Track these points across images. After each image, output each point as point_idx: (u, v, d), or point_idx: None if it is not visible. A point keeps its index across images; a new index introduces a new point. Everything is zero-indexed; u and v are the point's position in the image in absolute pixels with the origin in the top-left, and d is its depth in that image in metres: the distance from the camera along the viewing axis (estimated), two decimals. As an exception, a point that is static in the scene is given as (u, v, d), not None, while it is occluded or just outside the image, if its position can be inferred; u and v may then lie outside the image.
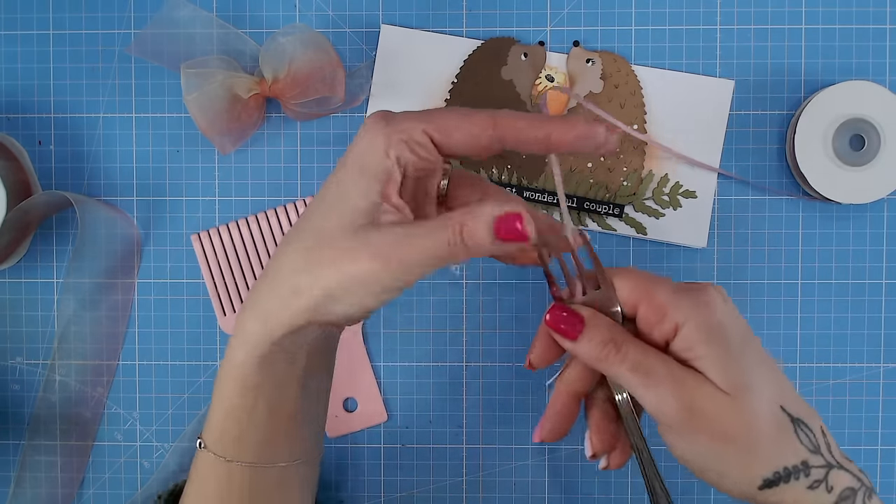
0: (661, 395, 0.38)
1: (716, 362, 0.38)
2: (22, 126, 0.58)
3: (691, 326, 0.38)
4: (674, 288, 0.39)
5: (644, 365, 0.38)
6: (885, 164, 0.53)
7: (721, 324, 0.38)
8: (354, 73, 0.56)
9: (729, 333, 0.38)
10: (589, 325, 0.39)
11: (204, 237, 0.57)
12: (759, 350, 0.40)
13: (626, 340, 0.39)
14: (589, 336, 0.39)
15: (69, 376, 0.57)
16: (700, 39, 0.56)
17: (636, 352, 0.39)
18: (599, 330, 0.39)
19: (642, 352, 0.39)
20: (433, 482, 0.58)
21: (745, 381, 0.38)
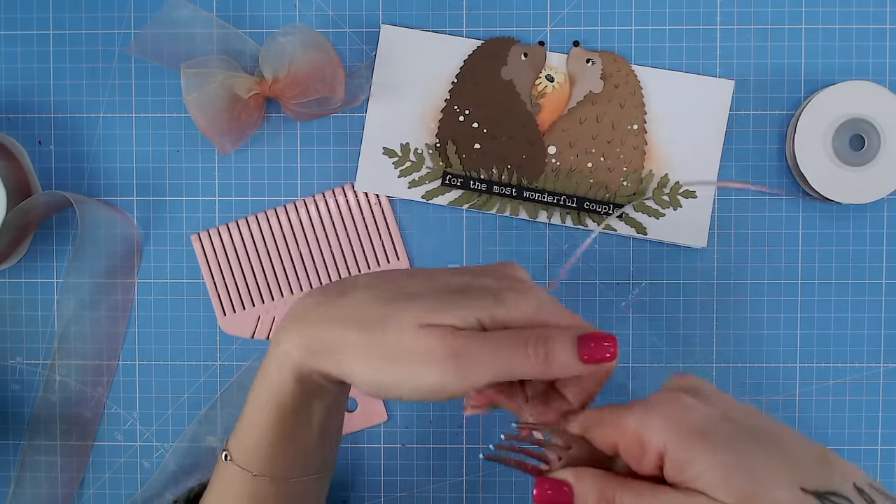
0: None
1: (714, 476, 0.34)
2: (22, 126, 0.58)
3: (673, 447, 0.34)
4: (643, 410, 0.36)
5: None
6: (885, 164, 0.53)
7: (702, 429, 0.35)
8: (354, 73, 0.56)
9: (715, 436, 0.35)
10: (576, 490, 0.37)
11: (204, 237, 0.57)
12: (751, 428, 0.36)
13: (616, 489, 0.36)
14: (581, 499, 0.37)
15: (69, 376, 0.57)
16: (700, 39, 0.56)
17: (630, 498, 0.35)
18: (589, 489, 0.37)
19: (635, 494, 0.35)
20: (433, 482, 0.58)
21: (752, 485, 0.33)
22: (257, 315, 0.57)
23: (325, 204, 0.57)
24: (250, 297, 0.57)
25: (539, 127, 0.56)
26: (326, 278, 0.57)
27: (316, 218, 0.57)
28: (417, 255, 0.57)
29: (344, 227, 0.57)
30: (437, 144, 0.57)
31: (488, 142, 0.56)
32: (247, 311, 0.57)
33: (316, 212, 0.57)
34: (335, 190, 0.57)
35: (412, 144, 0.57)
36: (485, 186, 0.56)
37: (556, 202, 0.56)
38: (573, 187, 0.56)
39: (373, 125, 0.57)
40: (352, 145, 0.57)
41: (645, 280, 0.57)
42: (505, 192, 0.56)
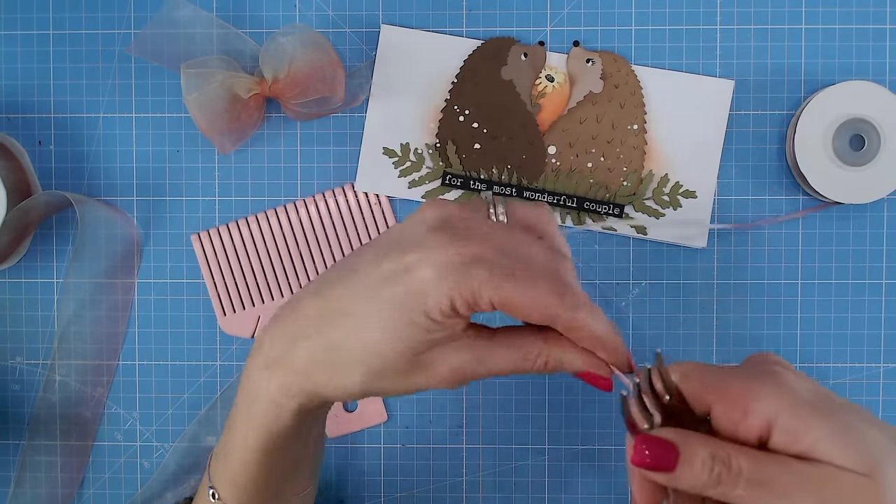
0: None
1: (834, 445, 0.31)
2: (22, 126, 0.58)
3: (787, 415, 0.32)
4: (745, 378, 0.34)
5: (764, 476, 0.32)
6: (885, 164, 0.53)
7: (812, 401, 0.33)
8: (354, 73, 0.56)
9: (825, 408, 0.33)
10: (683, 448, 0.33)
11: (204, 237, 0.57)
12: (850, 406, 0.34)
13: (731, 452, 0.32)
14: (688, 461, 0.33)
15: (69, 376, 0.57)
16: (700, 39, 0.56)
17: (749, 462, 0.32)
18: (697, 450, 0.33)
19: (756, 459, 0.32)
20: (433, 482, 0.58)
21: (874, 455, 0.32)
22: (257, 315, 0.57)
23: (325, 204, 0.57)
24: (250, 297, 0.57)
25: (539, 127, 0.56)
26: (326, 278, 0.57)
27: (316, 218, 0.57)
28: (417, 255, 0.57)
29: (344, 227, 0.57)
30: (437, 144, 0.57)
31: (488, 142, 0.56)
32: (247, 311, 0.57)
33: (316, 212, 0.57)
34: (335, 190, 0.57)
35: (412, 144, 0.57)
36: (485, 186, 0.56)
37: (556, 202, 0.56)
38: (573, 187, 0.56)
39: (373, 125, 0.57)
40: (352, 145, 0.57)
41: (645, 280, 0.57)
42: (505, 192, 0.56)
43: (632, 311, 0.57)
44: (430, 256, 0.34)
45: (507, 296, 0.34)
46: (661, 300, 0.57)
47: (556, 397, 0.57)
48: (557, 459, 0.57)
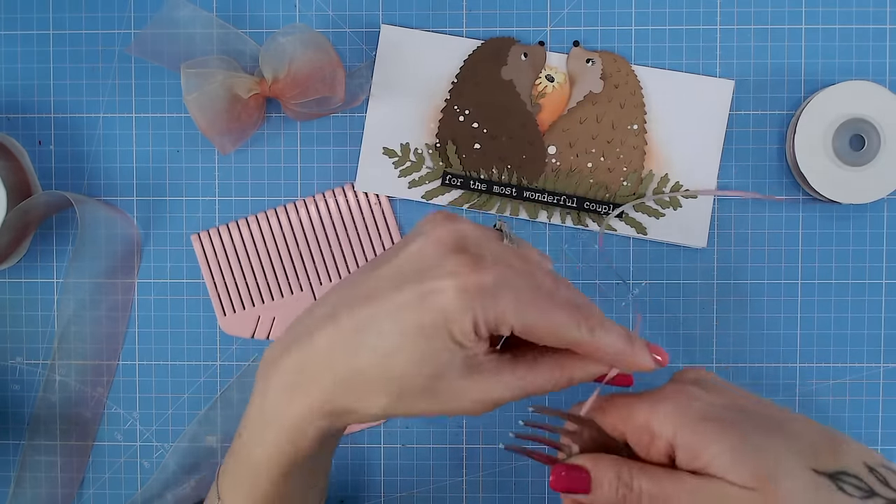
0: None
1: (726, 460, 0.34)
2: (22, 126, 0.58)
3: (682, 434, 0.36)
4: (651, 401, 0.37)
5: (660, 492, 0.35)
6: (885, 164, 0.53)
7: (711, 416, 0.36)
8: (354, 73, 0.56)
9: (724, 422, 0.36)
10: (593, 473, 0.37)
11: (204, 237, 0.57)
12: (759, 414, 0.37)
13: (634, 474, 0.36)
14: (599, 483, 0.37)
15: (69, 376, 0.57)
16: (700, 39, 0.56)
17: (648, 483, 0.36)
18: (605, 472, 0.37)
19: (653, 480, 0.36)
20: (433, 482, 0.58)
21: (764, 467, 0.34)
22: (257, 315, 0.57)
23: (325, 204, 0.57)
24: (250, 297, 0.57)
25: (539, 127, 0.56)
26: (326, 278, 0.57)
27: (316, 218, 0.57)
28: (417, 255, 0.57)
29: (344, 227, 0.57)
30: (437, 144, 0.57)
31: (488, 142, 0.56)
32: (247, 311, 0.57)
33: (316, 212, 0.57)
34: (335, 190, 0.57)
35: (412, 144, 0.57)
36: (485, 186, 0.56)
37: (556, 202, 0.56)
38: (573, 187, 0.56)
39: (373, 125, 0.57)
40: (352, 145, 0.57)
41: (645, 280, 0.57)
42: (505, 192, 0.56)
43: (631, 312, 0.57)
44: (455, 282, 0.34)
45: (532, 323, 0.35)
46: (661, 300, 0.57)
47: (557, 397, 0.57)
48: (557, 459, 0.57)
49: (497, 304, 0.34)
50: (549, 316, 0.35)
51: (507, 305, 0.34)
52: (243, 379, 0.58)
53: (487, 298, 0.34)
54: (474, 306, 0.34)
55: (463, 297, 0.34)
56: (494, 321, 0.34)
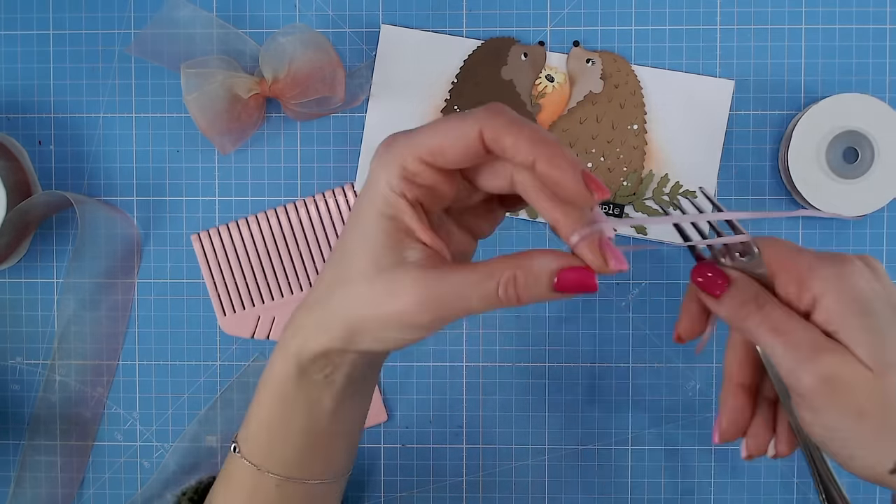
0: (800, 360, 0.36)
1: (859, 336, 0.36)
2: (22, 126, 0.58)
3: (832, 298, 0.36)
4: (817, 258, 0.38)
5: (785, 327, 0.37)
6: (879, 176, 0.53)
7: (865, 296, 0.37)
8: (354, 73, 0.56)
9: (874, 307, 0.36)
10: (734, 283, 0.38)
11: (204, 237, 0.57)
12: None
13: (769, 301, 0.37)
14: (732, 293, 0.38)
15: (69, 376, 0.57)
16: (700, 39, 0.56)
17: (779, 314, 0.37)
18: (744, 289, 0.38)
19: (785, 315, 0.37)
20: (433, 482, 0.58)
21: (889, 359, 0.36)
22: (257, 315, 0.57)
23: (325, 204, 0.57)
24: (250, 297, 0.57)
25: (539, 127, 0.56)
26: (326, 278, 0.57)
27: (316, 218, 0.57)
28: (417, 255, 0.57)
29: (344, 227, 0.57)
30: (437, 144, 0.57)
31: (488, 142, 0.56)
32: (247, 311, 0.57)
33: (316, 212, 0.57)
34: (335, 190, 0.57)
35: (412, 144, 0.57)
36: (485, 186, 0.56)
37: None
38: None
39: (373, 125, 0.57)
40: (352, 145, 0.57)
41: (645, 280, 0.57)
42: (505, 192, 0.56)
43: (632, 311, 0.57)
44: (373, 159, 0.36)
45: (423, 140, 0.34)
46: (661, 300, 0.57)
47: (556, 397, 0.57)
48: (557, 459, 0.57)
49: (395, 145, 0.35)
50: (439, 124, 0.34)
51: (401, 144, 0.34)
52: (243, 379, 0.58)
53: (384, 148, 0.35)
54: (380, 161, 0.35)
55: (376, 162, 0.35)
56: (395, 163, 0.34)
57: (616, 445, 0.57)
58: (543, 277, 0.34)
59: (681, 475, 0.57)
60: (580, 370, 0.57)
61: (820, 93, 0.56)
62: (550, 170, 0.33)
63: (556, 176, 0.33)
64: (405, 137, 0.35)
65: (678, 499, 0.57)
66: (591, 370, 0.57)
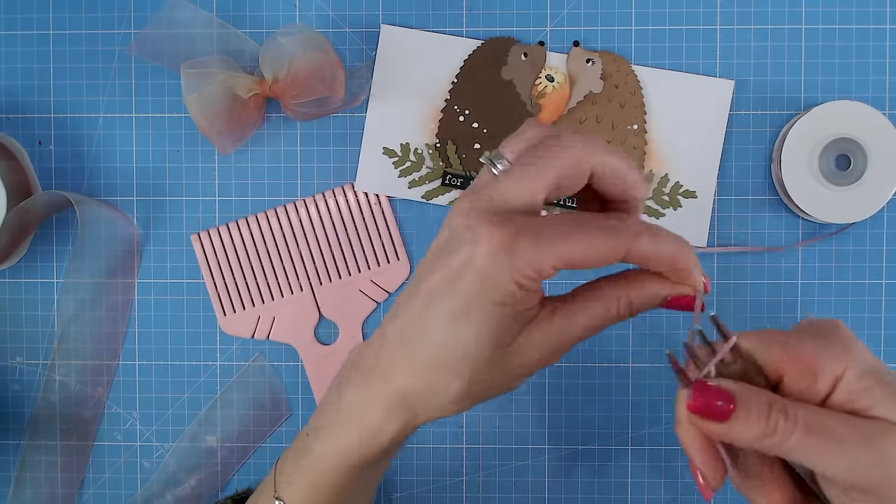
0: (853, 455, 0.32)
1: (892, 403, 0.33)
2: (22, 126, 0.58)
3: (851, 374, 0.33)
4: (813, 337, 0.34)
5: (821, 425, 0.32)
6: (871, 183, 0.53)
7: (874, 362, 0.34)
8: (354, 73, 0.56)
9: (883, 368, 0.34)
10: (741, 397, 0.33)
11: (204, 237, 0.57)
12: None
13: (788, 404, 0.33)
14: (745, 410, 0.33)
15: (69, 376, 0.57)
16: (700, 39, 0.56)
17: (806, 411, 0.33)
18: (754, 399, 0.33)
19: (812, 410, 0.33)
20: (433, 482, 0.58)
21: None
22: (257, 315, 0.57)
23: (325, 204, 0.57)
24: (250, 297, 0.57)
25: (539, 127, 0.56)
26: (326, 278, 0.57)
27: (316, 218, 0.57)
28: (417, 254, 0.57)
29: (344, 227, 0.57)
30: (437, 144, 0.57)
31: (488, 142, 0.56)
32: (247, 311, 0.57)
33: (316, 212, 0.57)
34: (335, 190, 0.57)
35: (412, 144, 0.57)
36: (485, 186, 0.56)
37: (556, 202, 0.56)
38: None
39: (373, 125, 0.57)
40: (352, 145, 0.57)
41: (645, 280, 0.57)
42: (505, 192, 0.56)
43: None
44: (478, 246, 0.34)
45: (564, 251, 0.34)
46: (661, 300, 0.57)
47: (556, 397, 0.57)
48: (557, 459, 0.57)
49: (524, 250, 0.34)
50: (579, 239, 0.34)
51: (530, 247, 0.34)
52: (243, 379, 0.58)
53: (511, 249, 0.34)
54: (504, 260, 0.34)
55: (492, 256, 0.34)
56: (529, 266, 0.34)
57: (616, 445, 0.57)
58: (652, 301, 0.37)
59: (681, 475, 0.57)
60: (580, 370, 0.57)
61: (820, 93, 0.56)
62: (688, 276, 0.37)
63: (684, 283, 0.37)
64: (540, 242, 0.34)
65: (678, 499, 0.57)
66: (591, 370, 0.57)
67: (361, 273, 0.57)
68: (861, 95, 0.56)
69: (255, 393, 0.58)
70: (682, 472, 0.57)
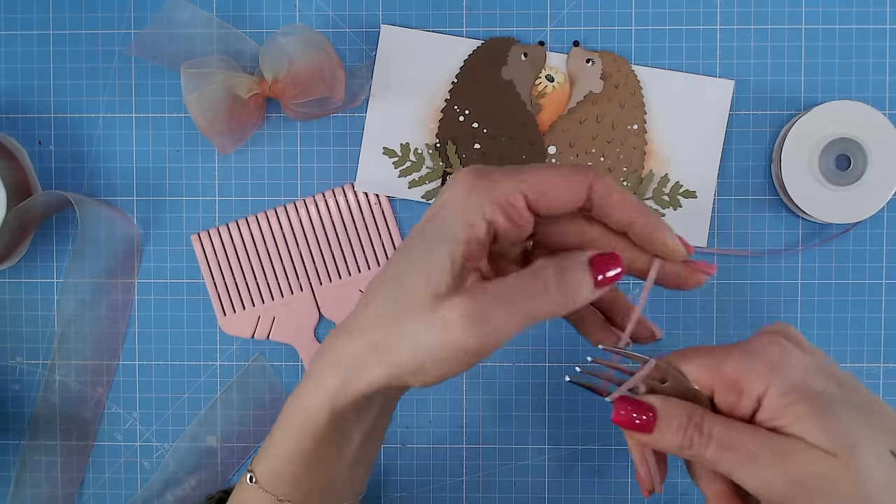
0: (762, 470, 0.34)
1: (813, 421, 0.34)
2: (22, 126, 0.58)
3: (773, 392, 0.34)
4: (741, 354, 0.35)
5: (734, 441, 0.34)
6: (871, 183, 0.53)
7: (802, 378, 0.35)
8: (354, 73, 0.56)
9: (815, 385, 0.35)
10: (661, 411, 0.35)
11: (204, 237, 0.57)
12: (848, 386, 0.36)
13: (706, 418, 0.35)
14: (665, 421, 0.35)
15: (69, 376, 0.58)
16: (700, 39, 0.56)
17: (722, 428, 0.35)
18: (674, 413, 0.35)
19: (728, 426, 0.35)
20: (433, 482, 0.58)
21: (848, 438, 0.34)
22: (257, 315, 0.57)
23: (325, 204, 0.57)
24: (250, 297, 0.57)
25: (539, 127, 0.56)
26: (326, 278, 0.57)
27: (316, 218, 0.57)
28: (417, 255, 0.57)
29: (344, 227, 0.57)
30: (437, 144, 0.57)
31: (488, 142, 0.56)
32: (247, 311, 0.57)
33: (316, 212, 0.57)
34: (335, 190, 0.57)
35: (412, 144, 0.57)
36: (485, 186, 0.56)
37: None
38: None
39: (373, 125, 0.57)
40: (352, 145, 0.57)
41: (645, 280, 0.57)
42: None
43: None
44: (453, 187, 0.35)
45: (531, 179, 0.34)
46: (661, 300, 0.57)
47: (556, 397, 0.57)
48: (557, 459, 0.57)
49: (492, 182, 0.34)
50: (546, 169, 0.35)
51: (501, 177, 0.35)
52: (243, 379, 0.58)
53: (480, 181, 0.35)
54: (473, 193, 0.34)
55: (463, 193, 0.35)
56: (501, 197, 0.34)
57: (616, 445, 0.57)
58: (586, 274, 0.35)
59: (680, 475, 0.57)
60: (580, 370, 0.57)
61: (820, 93, 0.56)
62: (654, 231, 0.35)
63: (660, 236, 0.35)
64: (510, 171, 0.35)
65: (678, 499, 0.57)
66: (591, 370, 0.57)
67: (361, 273, 0.57)
68: (861, 95, 0.56)
69: (255, 393, 0.58)
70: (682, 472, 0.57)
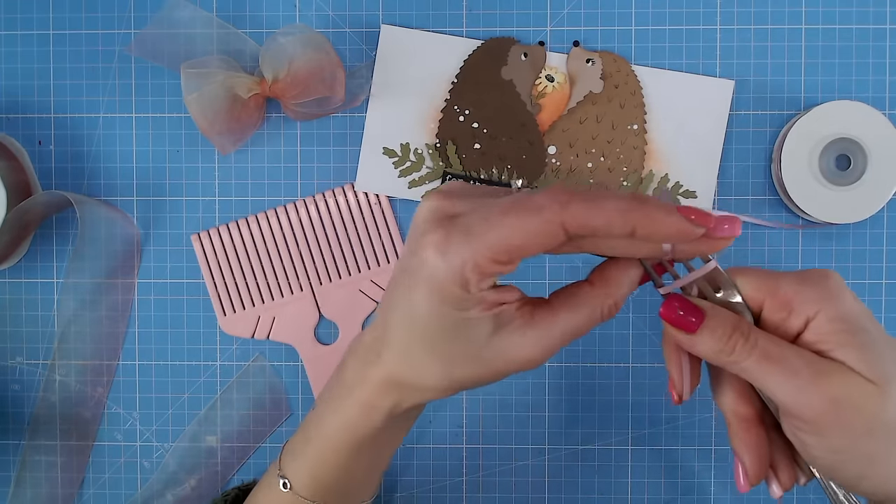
0: (801, 386, 0.34)
1: (857, 351, 0.34)
2: (22, 126, 0.58)
3: (823, 317, 0.35)
4: (797, 280, 0.36)
5: (778, 354, 0.35)
6: (871, 183, 0.53)
7: (854, 312, 0.36)
8: (354, 73, 0.56)
9: (862, 321, 0.36)
10: (710, 313, 0.35)
11: (204, 237, 0.57)
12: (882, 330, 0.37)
13: (753, 329, 0.35)
14: (711, 326, 0.35)
15: (69, 376, 0.57)
16: (700, 39, 0.56)
17: (767, 340, 0.35)
18: (721, 318, 0.35)
19: (773, 340, 0.35)
20: (433, 482, 0.58)
21: (886, 373, 0.34)
22: (257, 315, 0.57)
23: (325, 204, 0.57)
24: (250, 297, 0.57)
25: (539, 127, 0.56)
26: (326, 278, 0.57)
27: (316, 218, 0.57)
28: (417, 255, 0.57)
29: (344, 227, 0.57)
30: (437, 144, 0.57)
31: (488, 142, 0.56)
32: (247, 311, 0.57)
33: (316, 212, 0.57)
34: (335, 190, 0.57)
35: (412, 144, 0.57)
36: (485, 186, 0.56)
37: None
38: (573, 187, 0.56)
39: (373, 125, 0.57)
40: (352, 145, 0.57)
41: (645, 280, 0.57)
42: (505, 192, 0.56)
43: (632, 311, 0.57)
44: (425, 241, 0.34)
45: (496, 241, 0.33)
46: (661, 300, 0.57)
47: (556, 397, 0.57)
48: (557, 459, 0.57)
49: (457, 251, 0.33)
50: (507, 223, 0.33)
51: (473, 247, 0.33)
52: (243, 379, 0.58)
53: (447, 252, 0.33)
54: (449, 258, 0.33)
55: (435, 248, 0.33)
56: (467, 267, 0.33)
57: (616, 445, 0.57)
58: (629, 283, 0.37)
59: (681, 475, 0.57)
60: (580, 370, 0.57)
61: (820, 93, 0.56)
62: (653, 230, 0.33)
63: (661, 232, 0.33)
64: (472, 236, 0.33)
65: (678, 499, 0.57)
66: (591, 370, 0.57)
67: (361, 273, 0.57)
68: (861, 95, 0.56)
69: (255, 393, 0.58)
70: (682, 472, 0.57)
